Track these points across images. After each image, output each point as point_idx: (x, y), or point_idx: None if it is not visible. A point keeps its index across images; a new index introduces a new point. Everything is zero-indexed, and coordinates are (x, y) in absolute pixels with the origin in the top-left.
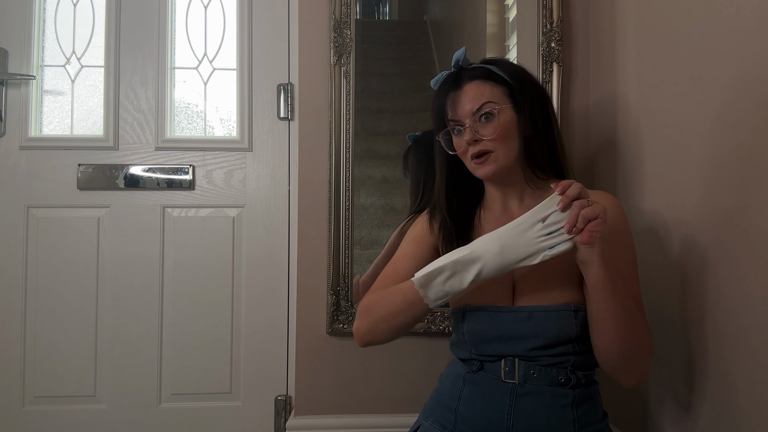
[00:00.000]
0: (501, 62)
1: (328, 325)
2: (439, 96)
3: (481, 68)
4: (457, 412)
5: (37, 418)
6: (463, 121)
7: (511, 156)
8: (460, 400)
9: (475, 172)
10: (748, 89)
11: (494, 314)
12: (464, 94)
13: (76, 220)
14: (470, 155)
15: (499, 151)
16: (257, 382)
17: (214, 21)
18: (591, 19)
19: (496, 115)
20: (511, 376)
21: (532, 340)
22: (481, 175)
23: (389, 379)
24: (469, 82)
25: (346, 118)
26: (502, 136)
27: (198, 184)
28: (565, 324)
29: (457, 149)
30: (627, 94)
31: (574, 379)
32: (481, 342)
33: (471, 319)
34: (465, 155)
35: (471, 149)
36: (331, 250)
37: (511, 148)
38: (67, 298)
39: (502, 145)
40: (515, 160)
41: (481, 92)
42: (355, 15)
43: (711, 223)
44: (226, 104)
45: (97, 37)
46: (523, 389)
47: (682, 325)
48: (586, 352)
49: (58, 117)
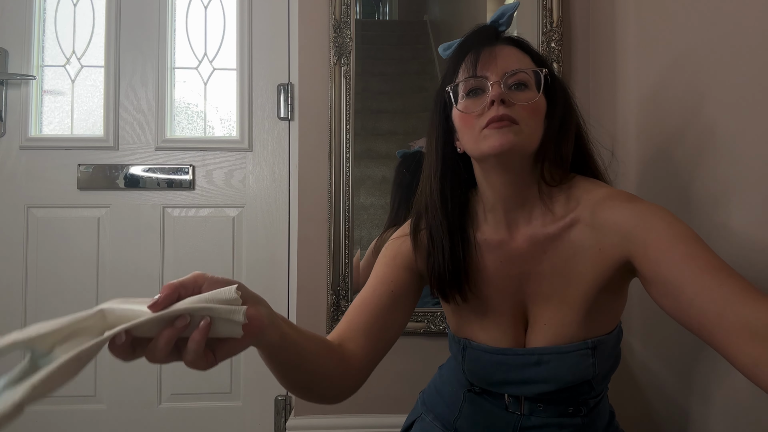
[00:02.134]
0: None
1: (328, 325)
2: (467, 45)
3: (521, 40)
4: (456, 423)
5: (38, 418)
6: (490, 77)
7: (534, 139)
8: (460, 413)
9: (484, 143)
10: (748, 89)
11: (499, 357)
12: (500, 53)
13: (76, 220)
14: (487, 119)
15: (525, 126)
16: (257, 382)
17: (214, 21)
18: (591, 19)
19: (531, 87)
20: (515, 407)
21: (542, 385)
22: (496, 146)
23: (389, 379)
24: (507, 45)
25: (346, 118)
26: (533, 111)
27: (198, 184)
28: (582, 367)
29: (466, 110)
30: (627, 94)
31: (585, 409)
32: (484, 382)
33: (472, 358)
34: (474, 123)
35: (491, 111)
36: (331, 250)
37: (536, 129)
38: (67, 298)
39: (531, 122)
40: (535, 149)
41: (520, 59)
42: (355, 15)
43: (703, 225)
44: (226, 104)
45: (97, 37)
46: (529, 421)
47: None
48: (603, 386)
49: (58, 117)
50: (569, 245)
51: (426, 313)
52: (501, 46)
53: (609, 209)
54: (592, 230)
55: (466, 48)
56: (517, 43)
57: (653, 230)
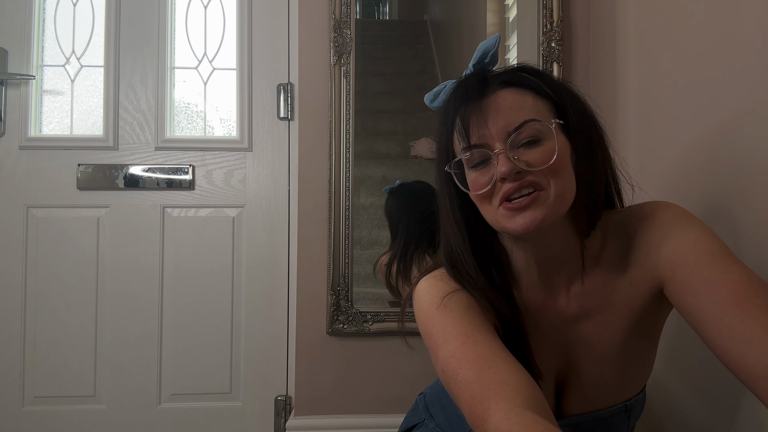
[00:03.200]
0: (538, 70)
1: (328, 325)
2: (453, 108)
3: (516, 73)
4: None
5: (37, 418)
6: (491, 144)
7: (568, 199)
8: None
9: (506, 223)
10: (748, 89)
11: None
12: (495, 106)
13: (76, 220)
14: (501, 196)
15: (554, 189)
16: (257, 382)
17: (213, 21)
18: (591, 19)
19: (546, 138)
20: None
21: None
22: (520, 228)
23: (389, 379)
24: (502, 89)
25: (346, 118)
26: (557, 168)
27: (198, 184)
28: (616, 430)
29: (474, 188)
30: (627, 94)
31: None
32: None
33: None
34: (488, 200)
35: (504, 186)
36: (331, 250)
37: (568, 186)
38: (67, 298)
39: (557, 181)
40: (569, 208)
41: (521, 104)
42: (355, 15)
43: None
44: (226, 104)
45: (96, 36)
46: None
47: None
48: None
49: (57, 117)
50: (605, 292)
51: None
52: (494, 96)
53: (639, 236)
54: (624, 265)
55: (454, 109)
56: (513, 81)
57: (681, 252)
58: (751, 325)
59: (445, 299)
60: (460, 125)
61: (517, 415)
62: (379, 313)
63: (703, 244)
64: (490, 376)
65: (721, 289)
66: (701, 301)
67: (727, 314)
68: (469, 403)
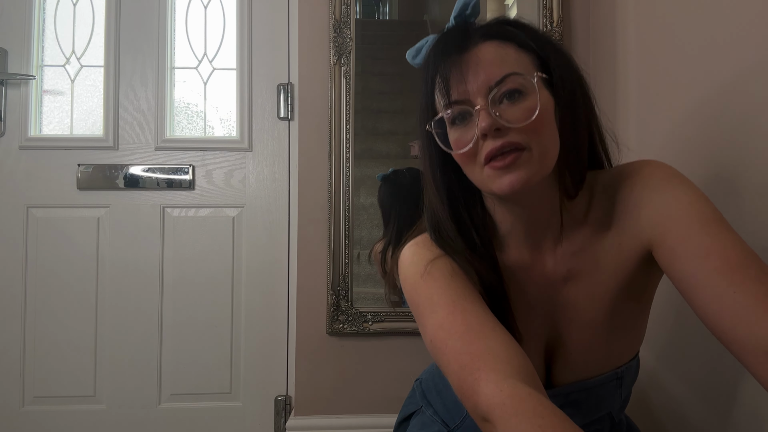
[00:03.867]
0: (520, 23)
1: (328, 325)
2: (432, 63)
3: (498, 25)
4: (465, 419)
5: (37, 418)
6: (472, 100)
7: (551, 157)
8: (463, 422)
9: (491, 184)
10: (750, 86)
11: None
12: (476, 60)
13: (76, 220)
14: (484, 155)
15: (536, 148)
16: (257, 382)
17: (213, 21)
18: (591, 19)
19: (529, 92)
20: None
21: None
22: (506, 189)
23: (389, 379)
24: (483, 41)
25: (346, 118)
26: (539, 125)
27: (198, 184)
28: (608, 399)
29: (457, 147)
30: (627, 94)
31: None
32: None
33: None
34: (472, 160)
35: (487, 144)
36: (331, 250)
37: (551, 143)
38: (67, 298)
39: (539, 139)
40: (553, 166)
41: (503, 57)
42: (355, 15)
43: None
44: (226, 104)
45: (96, 37)
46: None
47: (677, 319)
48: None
49: (57, 117)
50: (592, 254)
51: None
52: (475, 49)
53: (624, 194)
54: (610, 225)
55: (434, 64)
56: (495, 34)
57: (671, 215)
58: (743, 296)
59: (429, 267)
60: (440, 81)
61: (509, 386)
62: (379, 313)
63: (696, 207)
64: (479, 347)
65: (714, 256)
66: (692, 268)
67: (719, 284)
68: (458, 374)
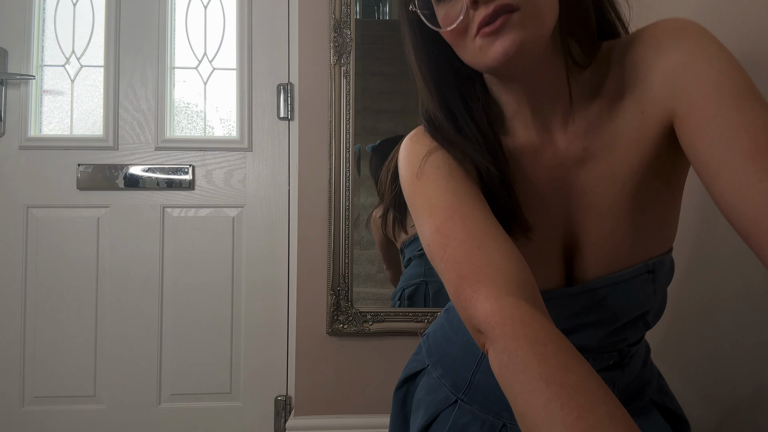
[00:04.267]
0: None
1: (327, 325)
2: None
3: None
4: (474, 378)
5: (37, 418)
6: None
7: (548, 16)
8: (478, 366)
9: (484, 57)
10: None
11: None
12: None
13: (76, 220)
14: (476, 24)
15: (529, 6)
16: (257, 382)
17: (213, 21)
18: None
19: None
20: None
21: (591, 331)
22: (500, 56)
23: (389, 379)
24: None
25: (346, 118)
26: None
27: (198, 184)
28: (640, 296)
29: (445, 24)
30: None
31: (627, 357)
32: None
33: None
34: (463, 36)
35: (479, 12)
36: (331, 250)
37: (546, 3)
38: (67, 298)
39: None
40: (552, 29)
41: None
42: (355, 15)
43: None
44: (226, 104)
45: (96, 36)
46: None
47: (677, 318)
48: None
49: (57, 117)
50: (612, 129)
51: (426, 313)
52: None
53: (646, 53)
54: (631, 92)
55: None
56: None
57: (699, 82)
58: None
59: (423, 165)
60: None
61: (510, 306)
62: (379, 313)
63: (728, 77)
64: (480, 257)
65: (742, 135)
66: (716, 149)
67: (746, 169)
68: (455, 284)
